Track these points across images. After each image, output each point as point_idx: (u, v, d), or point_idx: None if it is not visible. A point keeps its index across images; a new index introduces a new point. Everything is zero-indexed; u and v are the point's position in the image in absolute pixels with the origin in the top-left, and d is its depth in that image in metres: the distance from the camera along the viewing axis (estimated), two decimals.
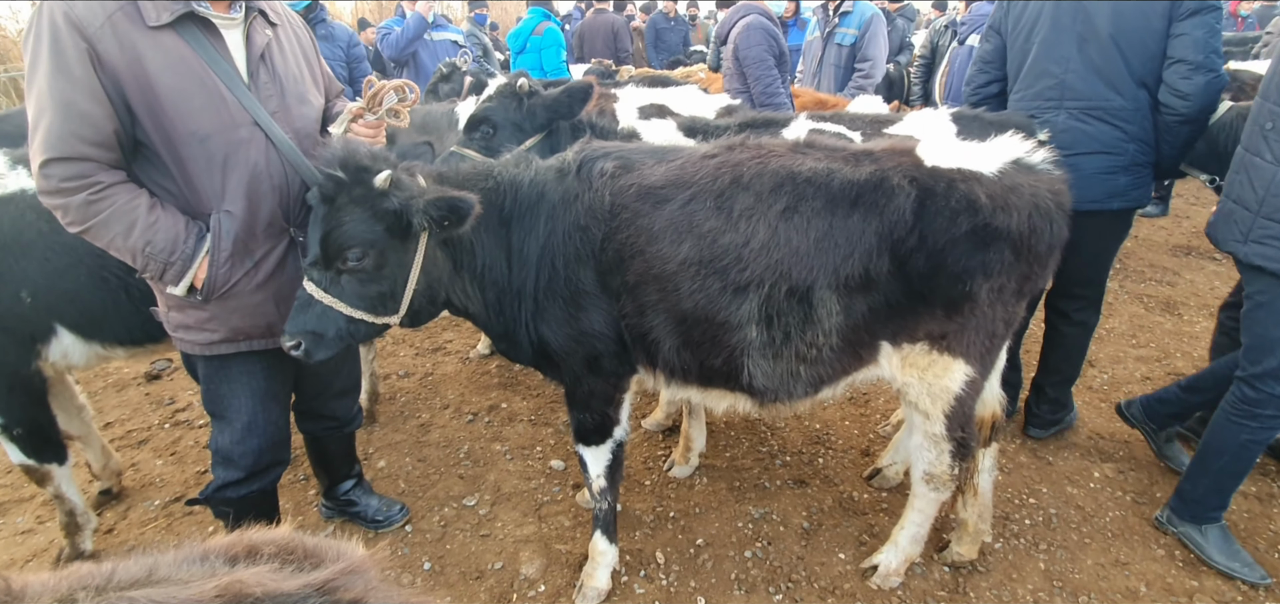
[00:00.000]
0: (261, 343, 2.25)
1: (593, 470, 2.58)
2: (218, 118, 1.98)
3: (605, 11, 9.35)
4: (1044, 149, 2.15)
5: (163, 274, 2.01)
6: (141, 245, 1.94)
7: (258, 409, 2.34)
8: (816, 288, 2.05)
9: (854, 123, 3.08)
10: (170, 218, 1.99)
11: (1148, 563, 2.83)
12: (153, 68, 1.87)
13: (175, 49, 1.90)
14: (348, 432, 2.97)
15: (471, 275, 2.28)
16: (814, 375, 2.20)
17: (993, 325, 2.13)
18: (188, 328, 2.17)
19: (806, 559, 2.87)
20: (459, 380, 4.36)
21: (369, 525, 3.08)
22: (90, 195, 1.87)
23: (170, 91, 1.90)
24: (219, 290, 2.08)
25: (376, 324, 2.15)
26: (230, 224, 2.05)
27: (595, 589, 2.65)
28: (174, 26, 1.90)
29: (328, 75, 2.52)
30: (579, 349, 2.31)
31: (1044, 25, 3.04)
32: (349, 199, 2.00)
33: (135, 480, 3.47)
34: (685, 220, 2.09)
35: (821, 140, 2.28)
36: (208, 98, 1.96)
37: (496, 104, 3.03)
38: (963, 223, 1.95)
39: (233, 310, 2.14)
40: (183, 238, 2.00)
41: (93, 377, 4.45)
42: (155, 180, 2.02)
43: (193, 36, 1.93)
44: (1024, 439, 3.62)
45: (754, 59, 4.55)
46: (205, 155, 1.99)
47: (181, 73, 1.91)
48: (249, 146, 2.05)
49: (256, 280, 2.15)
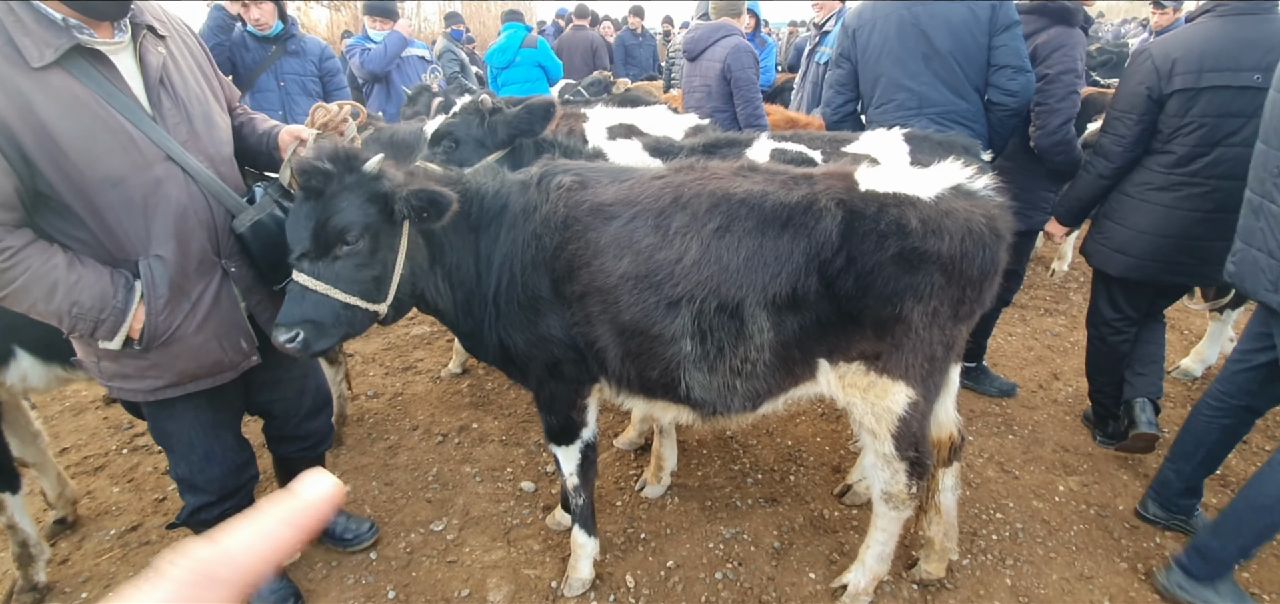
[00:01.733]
0: (209, 382, 2.18)
1: (565, 469, 2.67)
2: (128, 158, 1.84)
3: (584, 29, 9.41)
4: (986, 174, 2.19)
5: (94, 331, 1.90)
6: (67, 307, 1.82)
7: (210, 440, 2.29)
8: (746, 304, 2.09)
9: (814, 143, 3.12)
10: (93, 273, 1.85)
11: (1111, 576, 2.87)
12: (47, 114, 1.70)
13: (67, 89, 1.73)
14: (320, 452, 2.94)
15: (443, 272, 2.35)
16: (750, 389, 2.24)
17: (931, 348, 2.16)
18: (127, 377, 2.07)
19: (777, 580, 2.86)
20: (429, 400, 4.30)
21: (337, 544, 3.04)
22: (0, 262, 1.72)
23: (71, 138, 1.73)
24: (160, 337, 2.00)
25: (368, 311, 2.16)
26: (162, 269, 1.95)
27: (579, 580, 2.78)
28: (61, 64, 1.72)
29: (225, 83, 2.36)
30: (539, 353, 2.39)
31: (891, 48, 3.48)
32: (340, 186, 2.05)
33: (91, 508, 3.36)
34: (627, 237, 2.15)
35: (769, 164, 2.33)
36: (113, 138, 1.81)
37: (460, 120, 3.07)
38: (891, 245, 1.99)
39: (177, 355, 2.07)
40: (110, 293, 1.87)
41: (49, 401, 4.31)
42: (65, 232, 1.86)
43: (83, 72, 1.77)
44: (991, 455, 3.66)
45: (747, 81, 4.52)
46: (123, 200, 1.85)
47: (79, 115, 1.75)
48: (168, 184, 1.93)
49: (196, 321, 2.08)
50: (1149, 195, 3.13)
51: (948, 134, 3.26)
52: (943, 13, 3.31)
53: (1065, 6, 3.40)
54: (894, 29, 3.44)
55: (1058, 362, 4.75)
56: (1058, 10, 3.41)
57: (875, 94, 3.62)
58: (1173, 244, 3.09)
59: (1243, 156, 2.83)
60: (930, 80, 3.41)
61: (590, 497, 2.74)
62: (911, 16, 3.38)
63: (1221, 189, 2.96)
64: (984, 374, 4.29)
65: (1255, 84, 2.81)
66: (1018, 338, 5.12)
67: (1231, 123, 2.89)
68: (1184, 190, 3.03)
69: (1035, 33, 3.47)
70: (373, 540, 3.07)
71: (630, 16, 10.01)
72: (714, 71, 4.64)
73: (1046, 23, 3.44)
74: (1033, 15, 3.48)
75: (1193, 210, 3.02)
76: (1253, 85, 2.82)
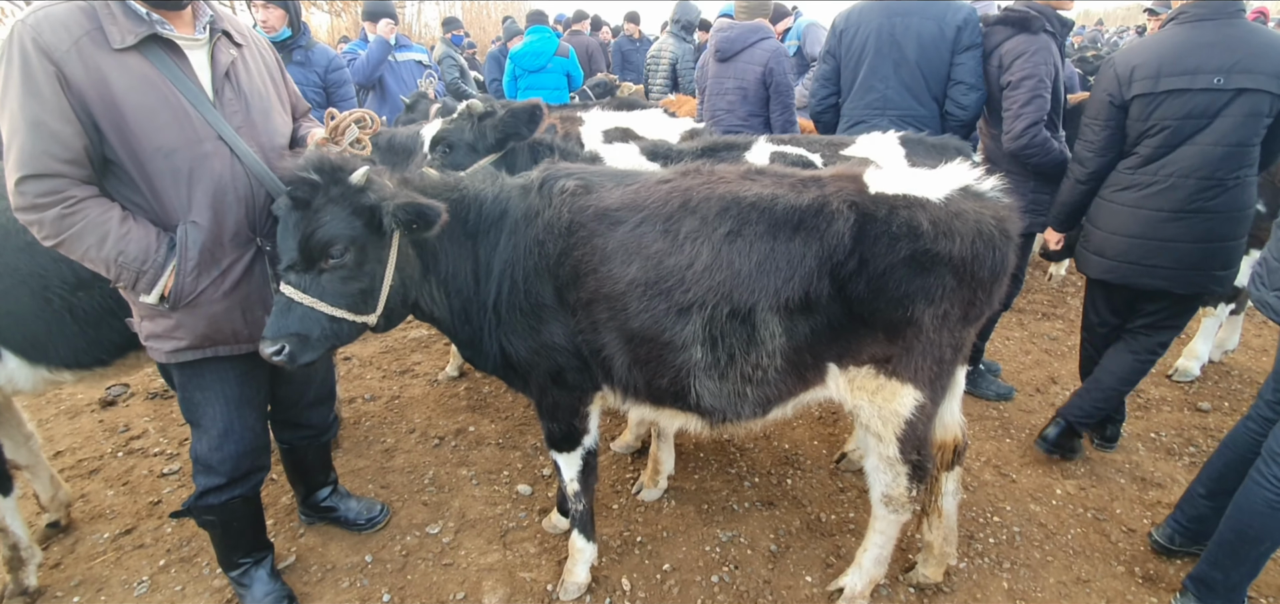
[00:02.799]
0: (227, 349, 2.29)
1: (566, 475, 2.67)
2: (182, 133, 2.04)
3: (581, 34, 9.45)
4: (991, 176, 2.18)
5: (135, 283, 2.07)
6: (114, 256, 2.01)
7: (232, 415, 2.39)
8: (758, 310, 2.07)
9: (813, 145, 3.12)
10: (141, 229, 2.05)
11: (1109, 580, 2.87)
12: (118, 88, 1.93)
13: (140, 70, 1.97)
14: (324, 441, 3.03)
15: (438, 280, 2.33)
16: (761, 395, 2.22)
17: (940, 351, 2.14)
18: (157, 336, 2.22)
19: (774, 583, 2.85)
20: (426, 403, 4.29)
21: (352, 528, 3.13)
22: (64, 209, 1.94)
23: (135, 110, 1.96)
24: (186, 298, 2.13)
25: (356, 323, 2.17)
26: (196, 234, 2.10)
27: (576, 583, 2.76)
28: (139, 48, 1.97)
29: (294, 94, 2.59)
30: (541, 361, 2.36)
31: (869, 52, 3.85)
32: (326, 199, 2.05)
33: (85, 512, 3.34)
34: (635, 242, 2.13)
35: (774, 167, 2.31)
36: (172, 115, 2.02)
37: (454, 125, 3.11)
38: (903, 248, 1.97)
39: (199, 318, 2.19)
40: (154, 248, 2.06)
41: (44, 403, 4.30)
42: (125, 195, 2.08)
43: (157, 57, 2.01)
44: (988, 458, 3.66)
45: (788, 86, 4.48)
46: (170, 169, 2.05)
47: (146, 92, 1.98)
48: (213, 160, 2.11)
49: (223, 288, 2.19)
50: (1119, 196, 3.19)
51: (941, 138, 3.30)
52: (916, 27, 3.70)
53: (1025, 14, 3.52)
54: (873, 35, 3.82)
55: (1055, 365, 4.75)
56: (1018, 18, 3.54)
57: (852, 90, 4.03)
58: (1141, 245, 3.13)
59: (1207, 156, 2.92)
60: (896, 85, 3.81)
61: (590, 502, 2.73)
62: (889, 27, 3.76)
63: (1182, 187, 3.01)
64: (982, 377, 4.29)
65: (1216, 86, 2.87)
66: (1016, 342, 5.12)
67: (1193, 124, 2.95)
68: (1150, 190, 3.09)
69: (1000, 42, 3.59)
70: (386, 521, 3.19)
71: (626, 22, 10.03)
72: (753, 75, 4.50)
73: (1010, 31, 3.57)
74: (998, 25, 3.63)
75: (1158, 210, 3.07)
76: (1213, 87, 2.88)
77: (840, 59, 4.03)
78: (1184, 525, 2.91)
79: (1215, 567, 2.58)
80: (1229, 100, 2.85)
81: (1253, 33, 2.88)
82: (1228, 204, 2.97)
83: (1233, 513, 2.54)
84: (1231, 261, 3.06)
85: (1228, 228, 3.01)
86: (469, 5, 25.59)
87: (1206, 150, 2.93)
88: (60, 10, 1.91)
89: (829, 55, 4.11)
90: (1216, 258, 3.03)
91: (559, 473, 2.71)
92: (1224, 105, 2.87)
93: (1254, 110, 2.85)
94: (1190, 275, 3.08)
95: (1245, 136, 2.88)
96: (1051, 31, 3.51)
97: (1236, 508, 2.52)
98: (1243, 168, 2.93)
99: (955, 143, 3.21)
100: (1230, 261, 3.06)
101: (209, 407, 2.36)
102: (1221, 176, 2.93)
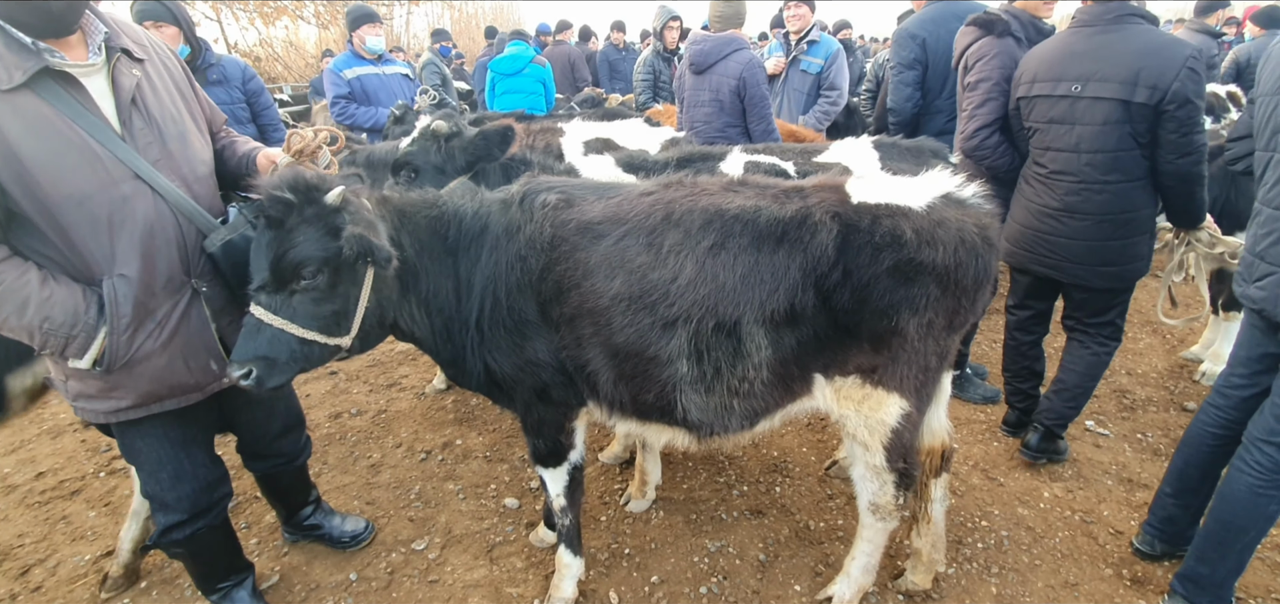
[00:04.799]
0: (174, 403, 2.15)
1: (552, 490, 2.64)
2: (94, 176, 1.85)
3: (564, 44, 9.47)
4: (974, 183, 2.19)
5: (64, 349, 1.90)
6: (38, 323, 1.83)
7: (181, 457, 2.26)
8: (744, 322, 2.06)
9: (785, 154, 3.13)
10: (65, 290, 1.87)
11: (1097, 583, 2.87)
12: (12, 134, 1.74)
13: (34, 110, 1.77)
14: (298, 465, 2.93)
15: (417, 300, 2.29)
16: (748, 408, 2.20)
17: (925, 359, 2.14)
18: (90, 397, 2.05)
19: (763, 593, 2.84)
20: (413, 417, 4.27)
21: (336, 545, 3.07)
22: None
23: (35, 157, 1.77)
24: (122, 360, 1.98)
25: (329, 346, 2.09)
26: (126, 288, 1.94)
27: (562, 598, 2.73)
28: (30, 86, 1.76)
29: (208, 106, 2.37)
30: (525, 378, 2.34)
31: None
32: (300, 219, 1.97)
33: (67, 533, 3.30)
34: (618, 256, 2.11)
35: (757, 178, 2.31)
36: (79, 156, 1.83)
37: (418, 148, 3.03)
38: (887, 258, 1.97)
39: (140, 376, 2.05)
40: (82, 308, 1.88)
41: (27, 423, 4.25)
42: (36, 250, 1.88)
43: (52, 93, 1.80)
44: (976, 462, 3.66)
45: (761, 98, 4.50)
46: (87, 218, 1.87)
47: (45, 134, 1.78)
48: (135, 202, 1.93)
49: (161, 340, 2.05)
50: (1022, 188, 3.43)
51: (916, 139, 3.32)
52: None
53: (989, 18, 3.60)
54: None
55: None
56: (983, 22, 3.63)
57: (941, 93, 4.47)
58: (1032, 234, 3.33)
59: (1071, 161, 3.07)
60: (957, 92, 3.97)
61: (577, 517, 2.71)
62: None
63: (1056, 185, 3.18)
64: (968, 381, 4.30)
65: (1073, 93, 3.00)
66: (1001, 345, 5.12)
67: (1058, 129, 3.11)
68: (1036, 185, 3.29)
69: (971, 44, 3.66)
70: (371, 538, 3.14)
71: (613, 31, 10.06)
72: (727, 87, 4.55)
73: (978, 33, 3.64)
74: (971, 27, 3.71)
75: (1043, 204, 3.26)
76: (1070, 94, 3.01)
77: (929, 65, 4.42)
78: (1158, 528, 2.93)
79: (1202, 561, 2.59)
80: (1086, 107, 2.99)
81: (1129, 39, 2.94)
82: (1103, 207, 3.07)
83: (1217, 504, 2.55)
84: (1114, 260, 3.14)
85: (1106, 230, 3.10)
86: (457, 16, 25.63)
87: (1069, 156, 3.09)
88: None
89: (916, 63, 4.45)
90: (1096, 254, 3.14)
91: (545, 488, 2.68)
92: (1082, 112, 3.00)
93: (1107, 118, 2.94)
94: (1070, 268, 3.23)
95: (1105, 143, 2.98)
96: (1019, 37, 3.55)
97: (1221, 499, 2.54)
98: (1113, 173, 3.01)
99: (931, 145, 3.24)
100: (1113, 260, 3.14)
101: (153, 454, 2.22)
102: (1091, 179, 3.05)
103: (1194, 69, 2.79)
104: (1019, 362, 3.76)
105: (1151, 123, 2.89)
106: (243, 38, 18.23)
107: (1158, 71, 2.81)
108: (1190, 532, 2.86)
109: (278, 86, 13.90)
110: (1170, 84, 2.78)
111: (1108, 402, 4.25)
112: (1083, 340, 3.44)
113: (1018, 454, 3.69)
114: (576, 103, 6.95)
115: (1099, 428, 3.96)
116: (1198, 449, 2.74)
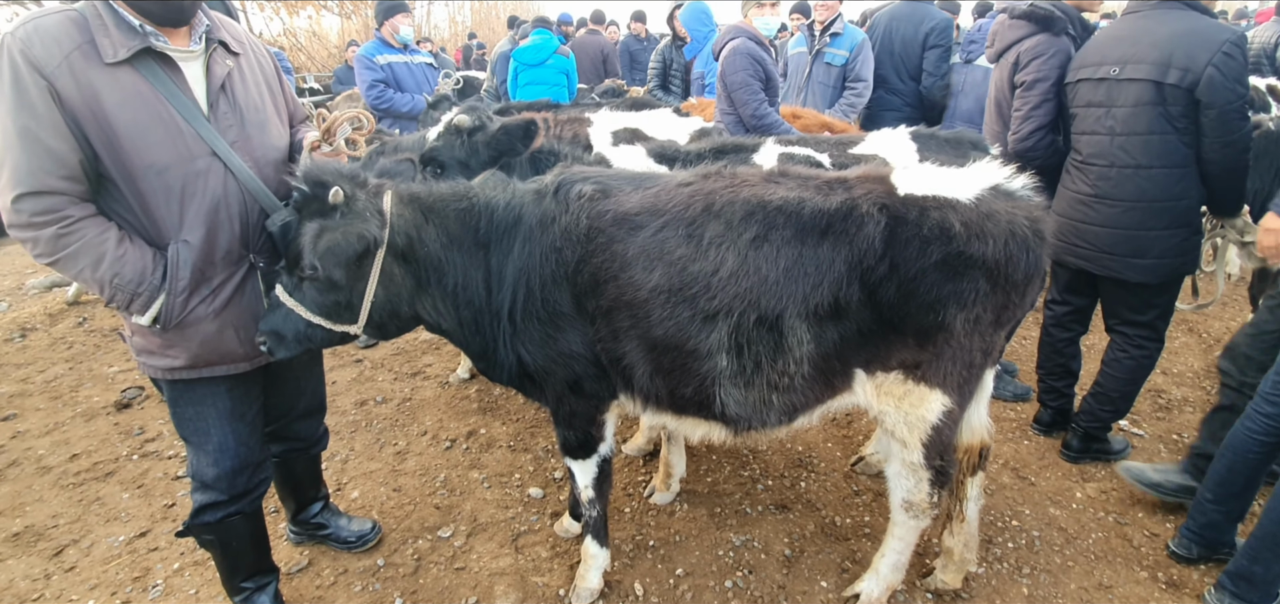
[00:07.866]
0: (223, 369, 2.25)
1: (580, 482, 2.64)
2: (175, 150, 2.00)
3: (598, 34, 9.41)
4: (1023, 175, 2.13)
5: (129, 304, 2.04)
6: (109, 277, 1.97)
7: (226, 431, 2.34)
8: (786, 316, 2.03)
9: (820, 145, 3.07)
10: (137, 250, 2.02)
11: (1131, 586, 2.81)
12: (109, 104, 1.89)
13: (132, 85, 1.93)
14: (314, 453, 2.96)
15: (442, 293, 2.30)
16: (787, 403, 2.17)
17: (970, 355, 2.09)
18: (150, 353, 2.19)
19: (788, 588, 2.81)
20: (437, 406, 4.29)
21: (343, 546, 3.06)
22: (60, 228, 1.90)
23: (127, 126, 1.92)
24: (175, 319, 2.09)
25: (334, 331, 2.21)
26: (187, 253, 2.07)
27: (588, 589, 2.73)
28: (131, 62, 1.92)
29: (292, 100, 2.54)
30: (558, 370, 2.32)
31: None
32: (309, 213, 2.09)
33: (100, 515, 3.36)
34: (657, 248, 2.08)
35: (798, 169, 2.26)
36: (165, 131, 1.98)
37: (442, 143, 3.04)
38: (935, 251, 1.92)
39: (193, 338, 2.16)
40: (149, 270, 2.02)
41: (60, 406, 4.34)
42: (118, 213, 2.05)
43: (150, 71, 1.96)
44: (1006, 460, 3.60)
45: (738, 84, 4.48)
46: (163, 187, 2.01)
47: (138, 107, 1.93)
48: (207, 176, 2.07)
49: (214, 307, 2.16)
50: (1063, 179, 3.37)
51: (955, 131, 3.26)
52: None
53: (1049, 14, 3.43)
54: None
55: None
56: (1042, 16, 3.47)
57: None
58: (1068, 226, 3.27)
59: (1103, 145, 3.05)
60: None
61: (604, 508, 2.71)
62: None
63: (1089, 172, 3.15)
64: (999, 378, 4.23)
65: (1112, 76, 2.98)
66: (1033, 340, 5.03)
67: (1094, 113, 3.08)
68: (1073, 174, 3.27)
69: (1021, 39, 3.52)
70: (377, 540, 3.09)
71: (633, 22, 9.98)
72: (722, 75, 4.61)
73: (1032, 29, 3.49)
74: (1021, 20, 3.55)
75: (1071, 189, 3.26)
76: (1110, 77, 2.99)
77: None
78: (1197, 533, 2.85)
79: (1255, 560, 2.53)
80: (1122, 89, 2.96)
81: (1168, 21, 2.89)
82: (1135, 193, 3.00)
83: (1273, 504, 2.49)
84: (1147, 251, 3.05)
85: (1137, 218, 3.03)
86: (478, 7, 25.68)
87: (1103, 139, 3.06)
88: (51, 23, 1.86)
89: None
90: (1128, 243, 3.06)
91: (573, 479, 2.68)
92: (1118, 94, 2.97)
93: (1139, 99, 2.91)
94: (1103, 259, 3.16)
95: (1137, 125, 2.93)
96: (1073, 35, 3.44)
97: (1277, 499, 2.47)
98: (1145, 158, 2.95)
99: (971, 136, 3.18)
100: (1146, 251, 3.05)
101: (201, 423, 2.31)
102: (1123, 163, 2.99)
103: (1230, 54, 2.70)
104: (1054, 359, 3.69)
105: (1187, 107, 2.82)
106: (268, 28, 18.43)
107: (1190, 54, 2.75)
108: (1229, 536, 2.80)
109: (302, 76, 14.03)
110: (1203, 68, 2.71)
111: (1142, 401, 4.15)
112: (1121, 342, 3.36)
113: (1049, 454, 3.62)
114: (598, 94, 6.91)
115: (1134, 428, 3.88)
116: (1243, 455, 2.66)
